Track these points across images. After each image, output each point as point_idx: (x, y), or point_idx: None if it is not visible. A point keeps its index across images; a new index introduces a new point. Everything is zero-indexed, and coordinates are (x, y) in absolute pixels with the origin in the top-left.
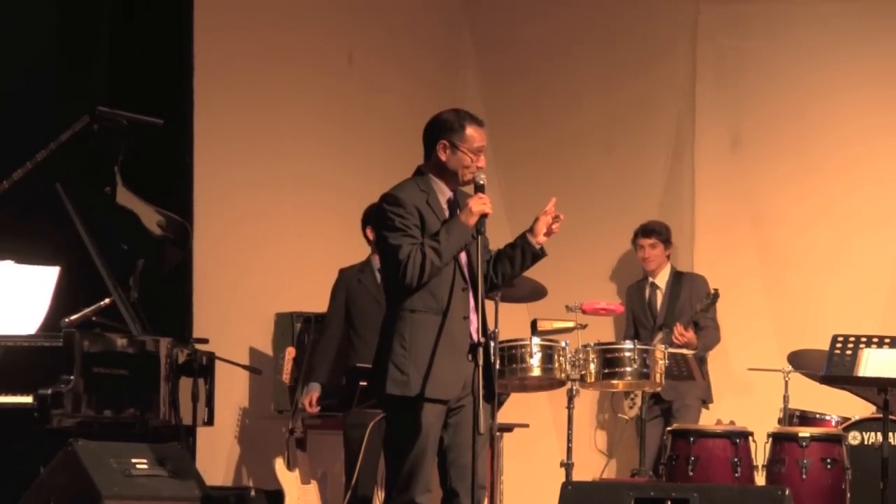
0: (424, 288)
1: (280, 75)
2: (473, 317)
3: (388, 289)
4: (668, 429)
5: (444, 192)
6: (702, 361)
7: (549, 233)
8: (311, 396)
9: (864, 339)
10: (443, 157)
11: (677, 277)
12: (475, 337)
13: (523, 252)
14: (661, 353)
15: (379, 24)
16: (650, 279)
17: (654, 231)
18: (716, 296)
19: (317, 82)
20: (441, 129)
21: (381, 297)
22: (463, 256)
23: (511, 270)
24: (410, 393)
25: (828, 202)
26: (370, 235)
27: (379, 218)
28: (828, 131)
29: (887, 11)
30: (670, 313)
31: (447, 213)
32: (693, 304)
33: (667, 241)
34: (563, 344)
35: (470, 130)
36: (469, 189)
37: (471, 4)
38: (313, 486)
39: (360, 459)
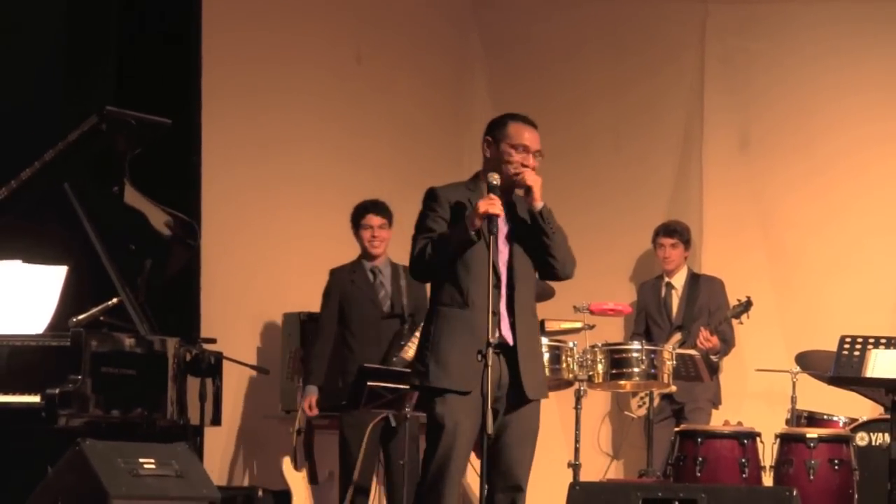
0: (452, 282)
1: (288, 76)
2: (505, 313)
3: None
4: (676, 429)
5: None
6: (715, 369)
7: (528, 181)
8: (310, 399)
9: (871, 340)
10: (486, 154)
11: (694, 279)
12: (505, 334)
13: (532, 220)
14: (668, 353)
15: (387, 25)
16: (666, 278)
17: (677, 231)
18: (748, 303)
19: (325, 83)
20: (488, 128)
21: (374, 297)
22: (504, 252)
23: (538, 244)
24: (428, 383)
25: (837, 204)
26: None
27: None
28: (837, 133)
29: None
30: (688, 315)
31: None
32: (711, 308)
33: (687, 242)
34: (570, 344)
35: (512, 126)
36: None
37: (479, 6)
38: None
39: (359, 460)
